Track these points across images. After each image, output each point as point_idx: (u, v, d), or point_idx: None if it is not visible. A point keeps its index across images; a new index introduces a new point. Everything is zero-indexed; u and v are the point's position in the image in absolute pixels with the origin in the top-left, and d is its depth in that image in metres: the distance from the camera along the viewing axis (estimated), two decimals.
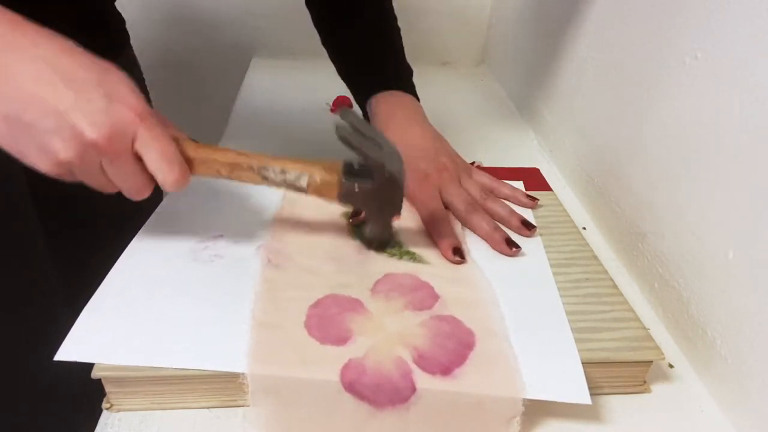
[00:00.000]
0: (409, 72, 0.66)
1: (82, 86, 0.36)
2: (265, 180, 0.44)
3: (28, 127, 0.35)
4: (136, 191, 0.40)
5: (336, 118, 0.45)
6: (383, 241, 0.50)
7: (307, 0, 0.68)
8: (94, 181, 0.39)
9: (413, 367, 0.38)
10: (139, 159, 0.39)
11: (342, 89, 0.85)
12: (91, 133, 0.35)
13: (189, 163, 0.41)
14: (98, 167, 0.38)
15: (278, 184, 0.44)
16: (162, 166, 0.39)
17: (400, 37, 0.68)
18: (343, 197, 0.45)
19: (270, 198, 0.56)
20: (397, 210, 0.47)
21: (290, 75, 1.04)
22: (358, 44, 0.66)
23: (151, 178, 0.40)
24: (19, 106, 0.35)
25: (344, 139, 0.44)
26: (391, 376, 0.38)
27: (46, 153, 0.36)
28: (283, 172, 0.44)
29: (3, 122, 0.36)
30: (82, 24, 0.37)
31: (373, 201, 0.46)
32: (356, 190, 0.45)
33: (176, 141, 0.41)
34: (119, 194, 0.41)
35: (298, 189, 0.45)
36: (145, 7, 1.07)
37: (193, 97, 1.19)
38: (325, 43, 0.69)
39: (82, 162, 0.37)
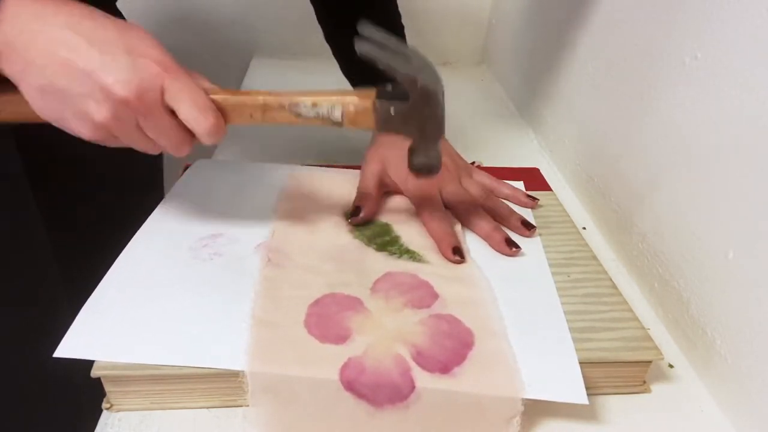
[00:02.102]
0: None
1: (106, 46, 0.36)
2: (299, 117, 0.42)
3: (62, 94, 0.36)
4: (176, 146, 0.40)
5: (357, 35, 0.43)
6: (431, 167, 0.47)
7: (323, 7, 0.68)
8: (136, 141, 0.40)
9: (412, 364, 0.38)
10: (172, 112, 0.39)
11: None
12: (120, 90, 0.36)
13: (221, 111, 0.41)
14: (135, 126, 0.38)
15: (312, 120, 0.43)
16: (195, 115, 0.39)
17: (404, 35, 0.68)
18: (381, 124, 0.43)
19: (270, 197, 0.57)
20: (439, 128, 0.44)
21: (290, 75, 1.04)
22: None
23: (189, 131, 0.40)
24: (50, 75, 0.36)
25: (367, 56, 0.41)
26: (390, 373, 0.38)
27: (84, 118, 0.37)
28: (315, 105, 0.42)
29: (39, 94, 0.37)
30: None
31: (412, 123, 0.43)
32: (392, 113, 0.42)
33: (204, 89, 0.40)
34: (119, 192, 0.41)
35: (334, 122, 0.43)
36: (145, 7, 1.07)
37: None
38: (329, 39, 0.68)
39: (117, 122, 0.37)
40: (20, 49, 0.36)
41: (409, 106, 0.42)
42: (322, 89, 0.43)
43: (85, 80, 0.36)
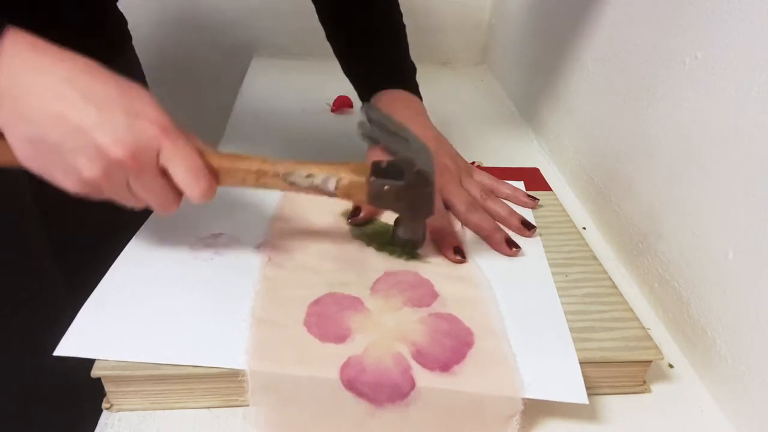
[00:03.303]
0: (413, 70, 0.66)
1: (104, 104, 0.36)
2: (292, 186, 0.43)
3: (53, 148, 0.35)
4: (164, 205, 0.40)
5: (360, 116, 0.44)
6: (415, 242, 0.48)
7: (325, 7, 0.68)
8: (123, 198, 0.39)
9: (412, 363, 0.38)
10: (164, 173, 0.38)
11: (342, 89, 0.85)
12: (116, 150, 0.35)
13: (214, 174, 0.41)
14: (125, 184, 0.38)
15: (305, 189, 0.43)
16: (188, 179, 0.39)
17: (405, 35, 0.68)
18: (373, 198, 0.44)
19: (270, 196, 0.57)
20: (428, 209, 0.45)
21: (290, 75, 1.05)
22: (362, 40, 0.66)
23: (178, 192, 0.40)
24: (43, 128, 0.35)
25: (368, 137, 0.43)
26: (390, 372, 0.38)
27: (72, 173, 0.36)
28: (309, 176, 0.43)
29: (28, 145, 0.36)
30: (84, 24, 0.37)
31: (403, 200, 0.44)
32: (385, 189, 0.43)
33: (200, 152, 0.40)
34: None
35: (327, 193, 0.43)
36: (145, 7, 1.07)
37: (193, 97, 1.19)
38: (330, 38, 0.68)
39: (108, 180, 0.37)
40: (13, 99, 0.35)
41: (403, 185, 0.43)
42: (317, 161, 0.44)
43: (79, 136, 0.35)
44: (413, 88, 0.64)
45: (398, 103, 0.61)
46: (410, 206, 0.45)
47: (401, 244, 0.49)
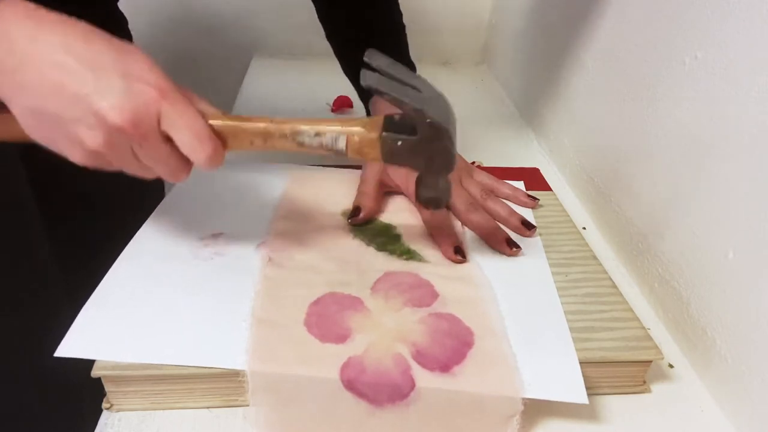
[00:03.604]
0: (413, 70, 0.66)
1: (101, 69, 0.35)
2: (301, 146, 0.40)
3: (54, 118, 0.35)
4: (172, 173, 0.39)
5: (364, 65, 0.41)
6: (438, 200, 0.45)
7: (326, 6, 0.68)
8: (130, 167, 0.38)
9: (412, 363, 0.38)
10: (168, 139, 0.37)
11: (342, 89, 0.85)
12: (114, 117, 0.34)
13: (220, 138, 0.39)
14: (130, 152, 0.37)
15: (315, 149, 0.40)
16: (193, 144, 0.37)
17: (405, 35, 0.68)
18: (387, 156, 0.40)
19: (270, 196, 0.57)
20: (448, 162, 0.42)
21: (290, 75, 1.05)
22: (362, 40, 0.66)
23: (186, 159, 0.38)
24: (42, 97, 0.34)
25: (373, 88, 0.38)
26: (390, 372, 0.38)
27: (76, 143, 0.36)
28: (318, 135, 0.40)
29: (31, 115, 0.35)
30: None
31: (420, 155, 0.41)
32: (399, 144, 0.40)
33: (203, 114, 0.38)
34: (120, 191, 0.41)
35: (337, 152, 0.41)
36: (145, 7, 1.07)
37: None
38: (330, 37, 0.68)
39: (111, 149, 0.36)
40: (11, 70, 0.34)
41: (417, 139, 0.40)
42: (326, 118, 0.41)
43: (78, 105, 0.34)
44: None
45: None
46: (428, 161, 0.41)
47: (424, 202, 0.45)
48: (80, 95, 0.34)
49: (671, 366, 0.47)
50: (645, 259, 0.55)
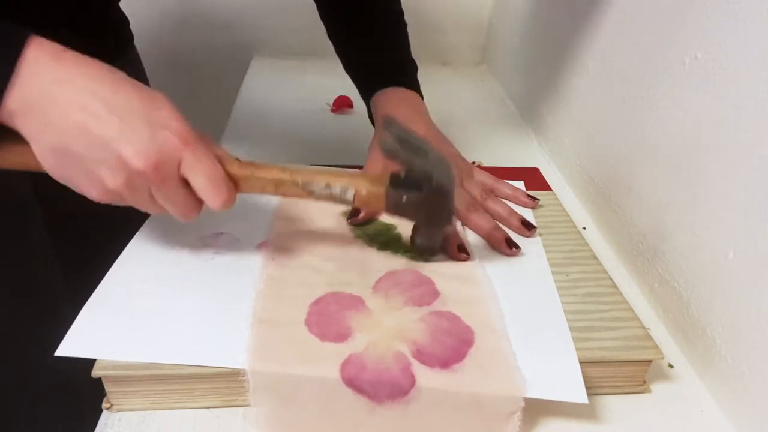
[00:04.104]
0: (414, 68, 0.66)
1: (126, 114, 0.36)
2: (311, 195, 0.43)
3: (76, 159, 0.36)
4: (185, 214, 0.41)
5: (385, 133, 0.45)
6: (433, 249, 0.49)
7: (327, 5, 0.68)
8: (145, 206, 0.40)
9: (412, 361, 0.38)
10: (185, 183, 0.39)
11: (342, 89, 0.85)
12: (137, 162, 0.36)
13: (234, 182, 0.41)
14: (147, 193, 0.38)
15: (324, 198, 0.44)
16: (208, 189, 0.39)
17: (407, 33, 0.68)
18: (392, 208, 0.45)
19: (271, 196, 0.56)
20: (447, 219, 0.46)
21: (290, 75, 1.05)
22: (364, 38, 0.66)
23: (199, 200, 0.40)
24: (66, 138, 0.35)
25: (390, 152, 0.43)
26: (390, 369, 0.38)
27: (95, 182, 0.37)
28: (328, 186, 0.43)
29: (51, 154, 0.36)
30: (87, 24, 0.37)
31: (422, 211, 0.45)
32: (404, 201, 0.44)
33: (220, 160, 0.41)
34: None
35: (345, 202, 0.44)
36: (145, 7, 1.07)
37: (193, 97, 1.19)
38: (331, 35, 0.68)
39: (130, 190, 0.37)
40: (38, 110, 0.35)
41: (422, 196, 0.44)
42: (336, 170, 0.45)
43: (103, 147, 0.36)
44: (415, 87, 0.64)
45: (401, 101, 0.61)
46: (429, 216, 0.46)
47: (419, 251, 0.49)
48: (105, 138, 0.35)
49: (671, 366, 0.47)
50: (645, 259, 0.55)
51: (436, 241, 0.49)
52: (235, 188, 0.41)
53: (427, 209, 0.45)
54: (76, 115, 0.35)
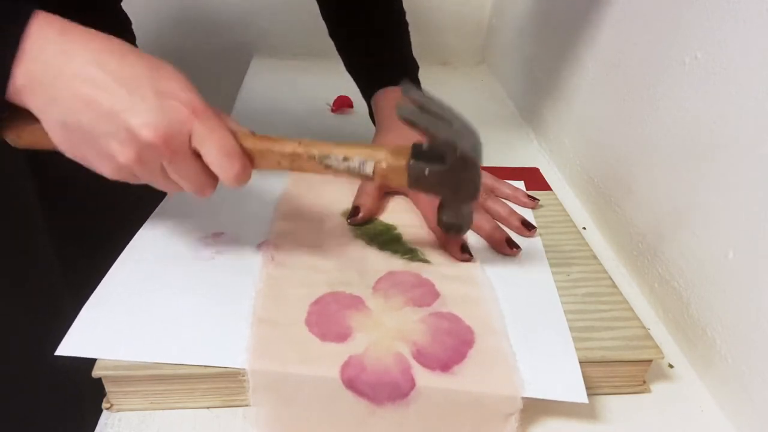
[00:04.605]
0: (416, 67, 0.66)
1: (134, 85, 0.35)
2: (328, 169, 0.41)
3: (85, 133, 0.35)
4: (199, 189, 0.39)
5: (398, 98, 0.43)
6: (460, 227, 0.45)
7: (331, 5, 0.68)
8: (158, 182, 0.39)
9: (413, 362, 0.38)
10: (198, 156, 0.38)
11: (342, 89, 0.85)
12: (146, 134, 0.35)
13: (248, 156, 0.40)
14: (159, 168, 0.37)
15: (341, 173, 0.41)
16: (221, 161, 0.38)
17: (408, 32, 0.68)
18: (413, 182, 0.41)
19: (271, 195, 0.57)
20: (474, 192, 0.42)
21: (290, 75, 1.04)
22: (366, 38, 0.66)
23: (213, 175, 0.39)
24: (74, 112, 0.35)
25: (407, 120, 0.40)
26: (390, 371, 0.38)
27: (106, 157, 0.36)
28: (346, 159, 0.40)
29: (61, 129, 0.36)
30: (90, 25, 0.37)
31: (446, 185, 0.41)
32: (426, 173, 0.41)
33: (233, 134, 0.39)
34: (122, 190, 0.40)
35: (364, 176, 0.41)
36: (145, 7, 1.07)
37: None
38: (333, 35, 0.68)
39: (141, 164, 0.36)
40: (44, 84, 0.34)
41: (446, 169, 0.41)
42: (354, 142, 0.42)
43: (111, 120, 0.35)
44: (416, 86, 0.64)
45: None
46: (454, 190, 0.42)
47: (446, 228, 0.46)
48: (113, 111, 0.34)
49: (671, 366, 0.47)
50: (645, 259, 0.55)
51: (463, 218, 0.45)
52: (249, 163, 0.40)
53: (451, 182, 0.41)
54: (82, 88, 0.34)
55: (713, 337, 0.45)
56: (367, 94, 0.65)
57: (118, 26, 0.65)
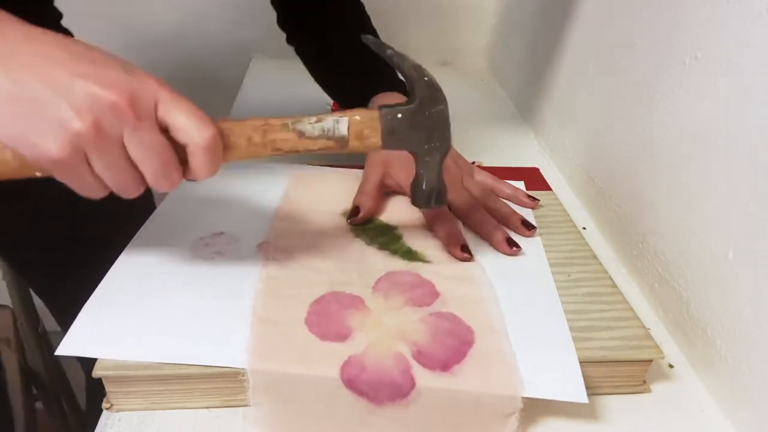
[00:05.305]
0: (393, 70, 0.66)
1: (99, 60, 0.33)
2: (302, 136, 0.39)
3: (37, 103, 0.31)
4: (164, 170, 0.35)
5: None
6: (440, 190, 0.45)
7: (284, 11, 0.67)
8: (112, 162, 0.34)
9: (412, 362, 0.38)
10: (164, 130, 0.34)
11: None
12: (110, 94, 0.31)
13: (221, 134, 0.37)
14: (119, 140, 0.33)
15: (317, 139, 0.39)
16: (194, 123, 0.34)
17: (374, 29, 0.68)
18: (387, 134, 0.40)
19: (271, 195, 0.57)
20: (446, 136, 0.42)
21: (290, 75, 1.04)
22: (346, 49, 0.65)
23: (177, 159, 0.35)
24: (27, 81, 0.31)
25: (376, 48, 0.42)
26: (390, 371, 0.38)
27: (56, 128, 0.31)
28: (319, 120, 0.39)
29: (9, 105, 0.31)
30: (24, 19, 0.36)
31: (420, 127, 0.41)
32: (399, 117, 0.40)
33: None
34: (109, 202, 0.37)
35: (339, 139, 0.40)
36: (145, 6, 1.07)
37: (193, 97, 1.19)
38: (305, 49, 0.68)
39: (98, 133, 0.32)
40: None
41: (416, 106, 0.41)
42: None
43: (67, 85, 0.31)
44: (404, 91, 0.64)
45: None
46: (428, 133, 0.42)
47: (426, 198, 0.45)
48: (73, 76, 0.31)
49: (671, 366, 0.47)
50: (645, 259, 0.55)
51: (440, 179, 0.44)
52: (221, 139, 0.36)
53: (424, 124, 0.41)
54: (39, 63, 0.31)
55: (713, 337, 0.45)
56: (359, 104, 0.64)
57: (48, 20, 0.62)
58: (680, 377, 0.47)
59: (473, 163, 0.64)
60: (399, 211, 0.56)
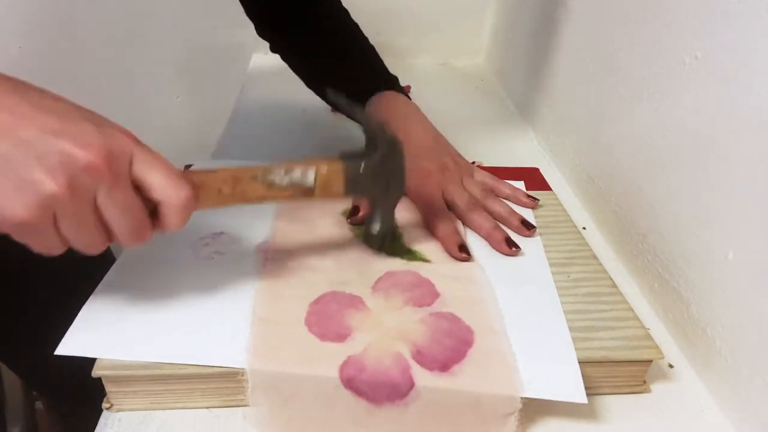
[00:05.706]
0: (385, 69, 0.67)
1: (66, 115, 0.31)
2: (271, 187, 0.41)
3: (3, 162, 0.29)
4: (138, 228, 0.34)
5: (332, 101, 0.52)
6: (394, 230, 0.49)
7: (261, 22, 0.67)
8: (83, 223, 0.32)
9: (412, 362, 0.38)
10: (137, 188, 0.34)
11: None
12: (86, 154, 0.30)
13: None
14: (91, 201, 0.32)
15: (284, 190, 0.42)
16: (170, 184, 0.34)
17: (362, 32, 0.69)
18: (349, 183, 0.43)
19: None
20: (401, 185, 0.47)
21: (290, 74, 1.04)
22: (339, 50, 0.66)
23: (149, 217, 0.35)
24: None
25: (342, 107, 0.46)
26: (389, 371, 0.38)
27: (25, 190, 0.29)
28: (288, 172, 0.41)
29: None
30: None
31: (380, 178, 0.45)
32: (362, 168, 0.43)
33: None
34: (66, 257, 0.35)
35: (306, 189, 0.42)
36: (145, 6, 1.07)
37: (193, 97, 1.19)
38: (290, 58, 0.68)
39: (72, 194, 0.30)
40: None
41: (378, 159, 0.44)
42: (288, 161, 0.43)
43: (40, 143, 0.29)
44: (401, 91, 0.64)
45: (395, 104, 0.61)
46: (385, 184, 0.46)
47: (380, 241, 0.48)
48: (42, 133, 0.30)
49: (671, 366, 0.47)
50: (645, 259, 0.55)
51: (393, 220, 0.49)
52: (194, 193, 0.36)
53: (383, 175, 0.45)
54: (5, 117, 0.29)
55: (713, 337, 0.45)
56: (362, 101, 0.64)
57: None
58: (680, 377, 0.47)
59: (473, 163, 0.64)
60: (398, 212, 0.56)
